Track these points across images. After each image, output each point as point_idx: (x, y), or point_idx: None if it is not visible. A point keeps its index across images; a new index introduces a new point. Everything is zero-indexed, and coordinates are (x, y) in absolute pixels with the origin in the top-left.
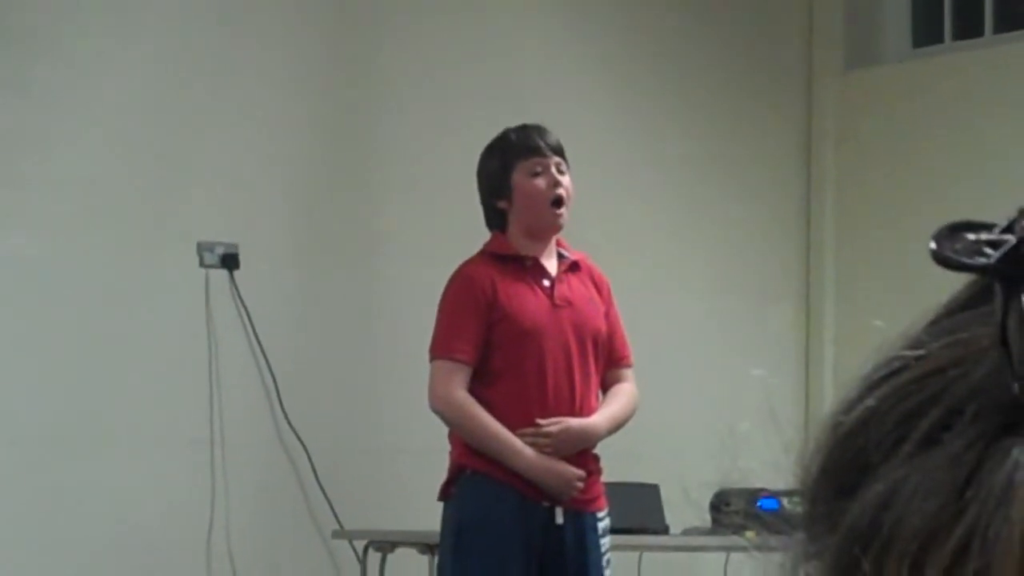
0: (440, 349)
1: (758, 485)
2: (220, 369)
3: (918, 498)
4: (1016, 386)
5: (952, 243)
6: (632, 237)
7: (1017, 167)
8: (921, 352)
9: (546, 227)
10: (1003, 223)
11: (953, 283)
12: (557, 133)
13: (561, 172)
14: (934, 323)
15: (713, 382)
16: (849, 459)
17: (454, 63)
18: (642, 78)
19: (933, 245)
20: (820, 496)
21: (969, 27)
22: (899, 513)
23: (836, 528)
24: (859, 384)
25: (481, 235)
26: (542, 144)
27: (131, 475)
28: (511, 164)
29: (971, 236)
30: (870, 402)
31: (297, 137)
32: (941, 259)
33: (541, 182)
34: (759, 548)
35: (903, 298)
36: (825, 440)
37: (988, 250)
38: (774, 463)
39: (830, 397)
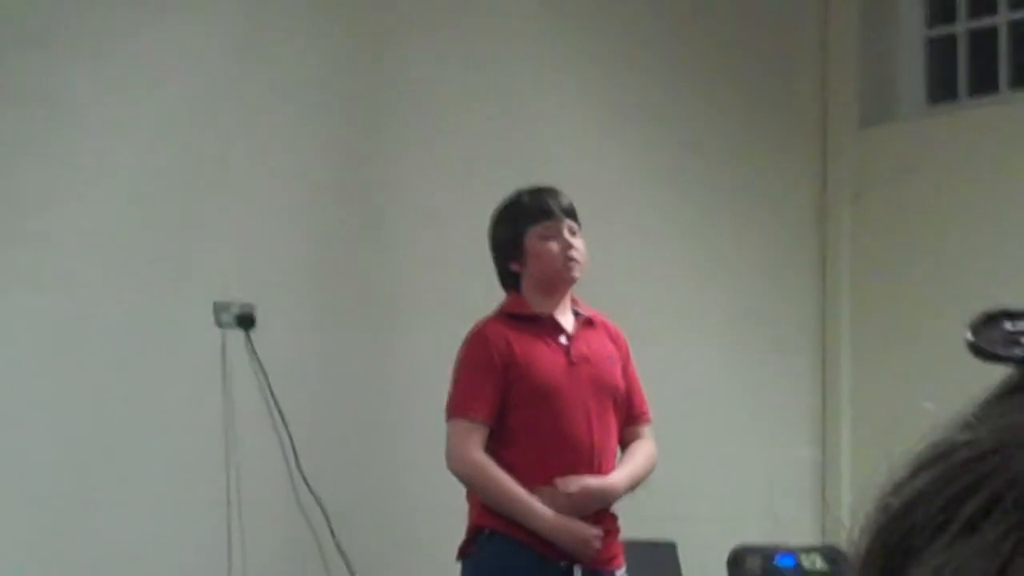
0: (457, 409)
1: (775, 542)
2: (236, 429)
3: None
4: None
5: (988, 333)
6: (647, 292)
7: None
8: (968, 436)
9: (560, 282)
10: None
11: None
12: (572, 187)
13: (573, 234)
14: (984, 406)
15: (729, 438)
16: (895, 543)
17: (472, 120)
18: (657, 135)
19: (969, 336)
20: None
21: (984, 83)
22: None
23: None
24: (909, 465)
25: (496, 293)
26: (554, 207)
27: (147, 535)
28: (523, 228)
29: (1008, 326)
30: (918, 483)
31: (314, 197)
32: (977, 350)
33: (554, 246)
34: None
35: (920, 353)
36: (873, 521)
37: None
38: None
39: (847, 451)
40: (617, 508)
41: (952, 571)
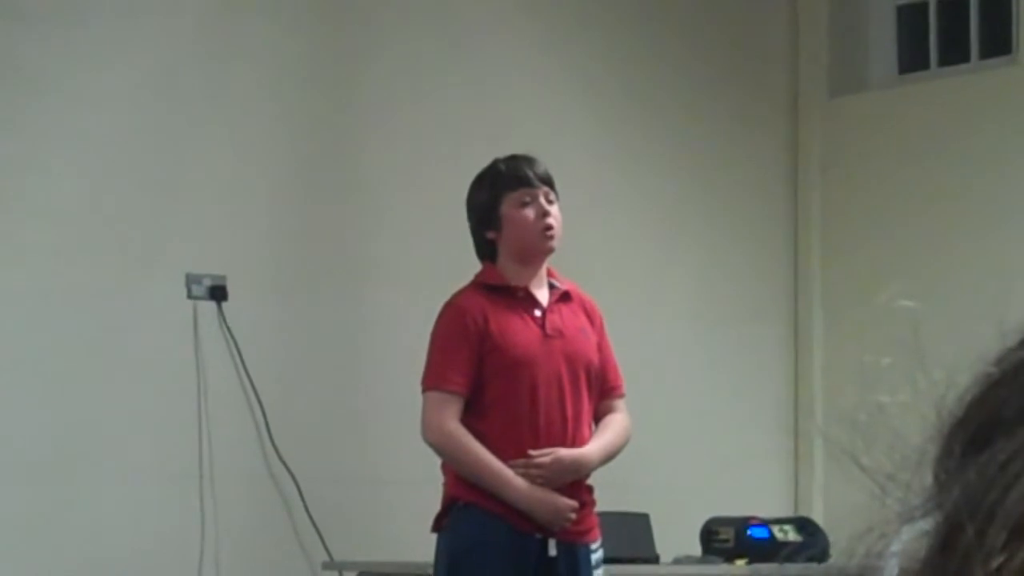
0: (432, 380)
1: (748, 513)
2: (208, 401)
3: None
4: None
5: None
6: (619, 264)
7: (1003, 192)
8: None
9: (536, 252)
10: None
11: (941, 309)
12: (541, 157)
13: (550, 202)
14: None
15: (701, 410)
16: (986, 413)
17: (441, 92)
18: (629, 107)
19: None
20: (950, 447)
21: (955, 53)
22: (1009, 482)
23: (954, 485)
24: (1019, 335)
25: (468, 263)
26: (531, 175)
27: (119, 507)
28: (500, 195)
29: None
30: (1022, 353)
31: (284, 169)
32: None
33: (530, 213)
34: None
35: (891, 322)
36: (970, 389)
37: None
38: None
39: (819, 421)
40: (590, 480)
41: None
